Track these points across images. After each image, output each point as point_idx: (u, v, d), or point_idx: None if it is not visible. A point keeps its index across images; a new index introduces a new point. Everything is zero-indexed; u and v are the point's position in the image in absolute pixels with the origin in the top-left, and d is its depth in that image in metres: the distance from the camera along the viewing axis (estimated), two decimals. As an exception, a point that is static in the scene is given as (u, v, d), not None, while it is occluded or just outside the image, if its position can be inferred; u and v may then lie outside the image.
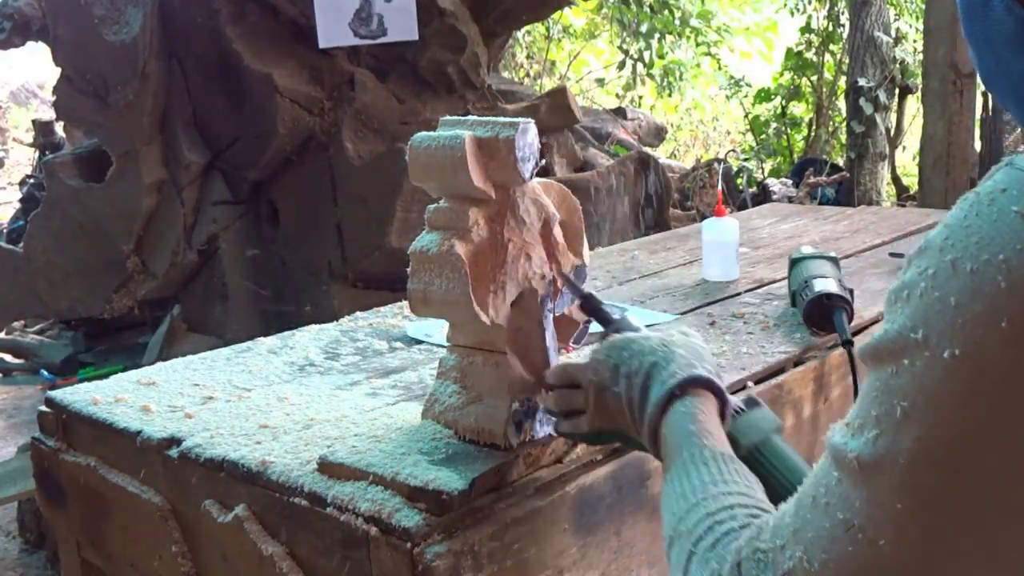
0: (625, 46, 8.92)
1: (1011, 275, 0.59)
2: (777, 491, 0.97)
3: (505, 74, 7.72)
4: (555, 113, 4.54)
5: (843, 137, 8.13)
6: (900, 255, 2.11)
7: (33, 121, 8.54)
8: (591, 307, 1.16)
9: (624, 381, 1.01)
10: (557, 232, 1.16)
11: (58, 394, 1.46)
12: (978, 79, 0.73)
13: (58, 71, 4.15)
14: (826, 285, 1.60)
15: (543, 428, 1.14)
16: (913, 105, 7.77)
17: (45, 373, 5.19)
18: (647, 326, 1.55)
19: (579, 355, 1.23)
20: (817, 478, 0.69)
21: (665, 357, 1.00)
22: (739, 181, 7.18)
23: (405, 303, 1.79)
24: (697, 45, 9.46)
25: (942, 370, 0.60)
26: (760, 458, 1.02)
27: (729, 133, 11.32)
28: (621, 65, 9.05)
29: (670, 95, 10.13)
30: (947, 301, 0.61)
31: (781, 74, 9.27)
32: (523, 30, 8.31)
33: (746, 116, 9.77)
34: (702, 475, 0.86)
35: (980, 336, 0.59)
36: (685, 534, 0.81)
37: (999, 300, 0.59)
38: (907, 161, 8.42)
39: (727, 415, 0.99)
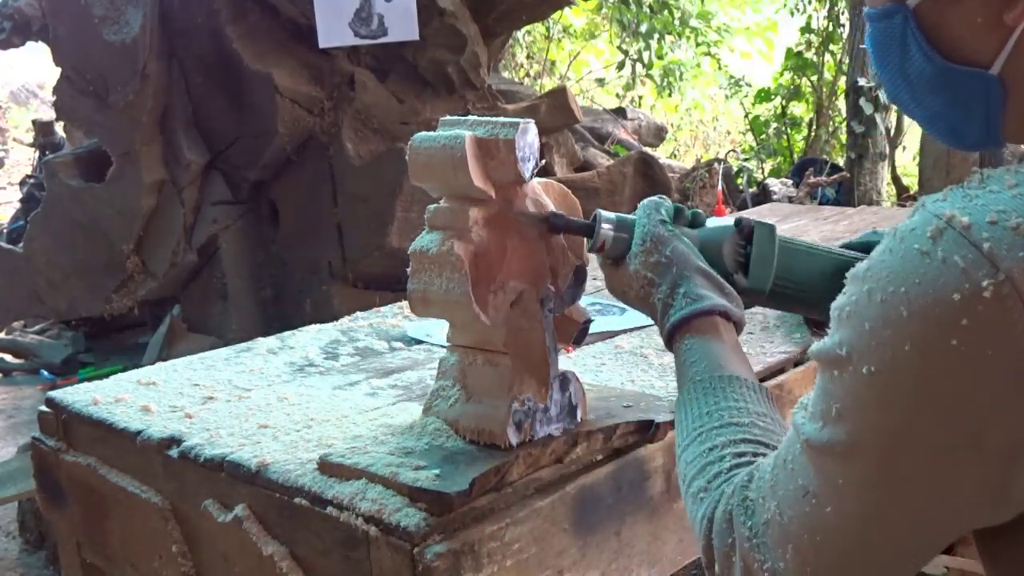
0: (625, 46, 8.92)
1: (911, 305, 0.69)
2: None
3: (505, 74, 7.73)
4: (555, 113, 4.54)
5: (843, 137, 8.12)
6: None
7: (33, 121, 8.53)
8: (560, 225, 1.14)
9: (655, 291, 1.08)
10: (557, 232, 1.16)
11: (58, 394, 1.46)
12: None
13: (58, 71, 4.15)
14: (826, 285, 1.59)
15: (543, 428, 1.14)
16: (913, 105, 7.74)
17: (45, 373, 5.20)
18: (646, 326, 1.56)
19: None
20: (788, 444, 0.80)
21: (680, 280, 1.06)
22: (739, 181, 7.19)
23: (405, 303, 1.79)
24: (697, 45, 9.46)
25: (863, 383, 0.72)
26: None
27: (729, 133, 11.32)
28: (621, 65, 9.05)
29: (670, 95, 10.13)
30: (863, 326, 0.72)
31: (781, 74, 9.27)
32: (523, 30, 8.32)
33: (746, 116, 9.76)
34: (701, 406, 0.95)
35: (890, 357, 0.70)
36: (683, 471, 0.92)
37: (902, 327, 0.69)
38: (907, 161, 8.42)
39: (733, 317, 1.06)
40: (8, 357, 5.45)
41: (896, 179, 7.93)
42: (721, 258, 1.12)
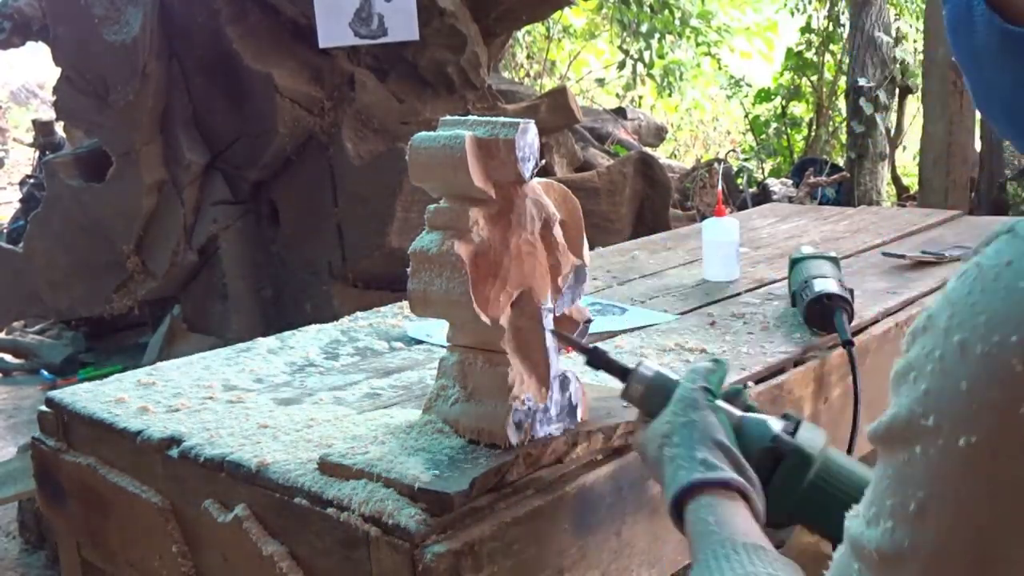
0: (625, 46, 8.92)
1: None
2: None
3: (505, 74, 7.72)
4: (555, 113, 4.54)
5: (843, 137, 8.13)
6: (893, 255, 2.10)
7: (33, 121, 8.54)
8: (599, 361, 1.13)
9: (671, 449, 0.99)
10: (557, 232, 1.16)
11: (58, 394, 1.46)
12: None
13: (58, 71, 4.15)
14: (826, 285, 1.59)
15: (543, 428, 1.14)
16: (913, 105, 7.78)
17: (45, 373, 5.20)
18: (646, 326, 1.55)
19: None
20: (839, 570, 0.66)
21: (698, 447, 0.97)
22: (739, 181, 7.19)
23: (405, 303, 1.78)
24: (697, 45, 9.46)
25: (958, 460, 0.56)
26: (825, 481, 0.99)
27: (729, 133, 11.32)
28: (621, 65, 9.05)
29: (670, 95, 10.14)
30: (958, 386, 0.57)
31: (781, 74, 9.27)
32: (523, 30, 8.31)
33: (746, 116, 9.76)
34: (724, 572, 0.81)
35: (997, 423, 0.55)
36: None
37: (1016, 385, 0.54)
38: (907, 161, 8.42)
39: (753, 504, 0.93)
40: (8, 357, 5.45)
41: (896, 179, 7.94)
42: (749, 459, 0.99)
